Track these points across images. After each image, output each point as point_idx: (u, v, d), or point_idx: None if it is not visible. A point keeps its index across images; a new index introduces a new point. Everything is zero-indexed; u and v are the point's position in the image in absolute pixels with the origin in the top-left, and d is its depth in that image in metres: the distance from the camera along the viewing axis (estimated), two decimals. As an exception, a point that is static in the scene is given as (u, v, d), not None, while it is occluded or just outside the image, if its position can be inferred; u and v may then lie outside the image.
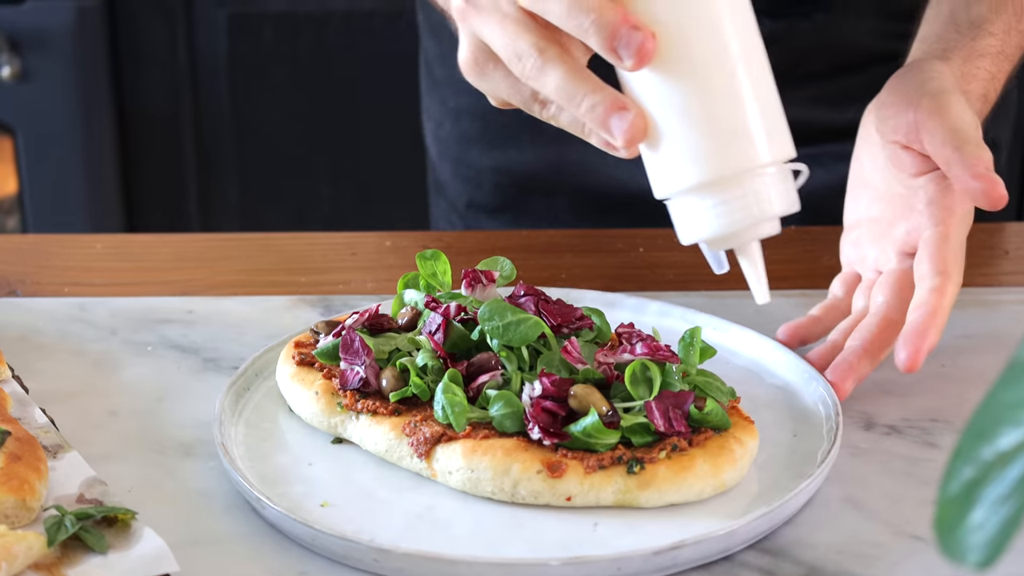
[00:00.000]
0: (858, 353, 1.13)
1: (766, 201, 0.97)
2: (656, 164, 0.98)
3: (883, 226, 1.21)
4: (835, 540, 0.99)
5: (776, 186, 0.97)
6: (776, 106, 0.98)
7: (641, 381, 1.04)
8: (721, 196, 0.96)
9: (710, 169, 0.96)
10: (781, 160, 0.98)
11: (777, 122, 0.98)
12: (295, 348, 1.15)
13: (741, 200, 0.96)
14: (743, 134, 0.96)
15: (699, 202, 0.97)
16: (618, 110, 0.94)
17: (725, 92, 0.96)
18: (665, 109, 0.96)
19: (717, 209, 0.96)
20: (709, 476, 1.01)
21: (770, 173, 0.97)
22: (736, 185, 0.96)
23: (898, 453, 1.10)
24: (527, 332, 1.06)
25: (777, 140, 0.98)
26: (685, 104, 0.95)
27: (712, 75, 0.95)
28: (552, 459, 1.00)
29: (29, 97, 2.78)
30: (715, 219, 0.97)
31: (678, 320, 1.27)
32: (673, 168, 0.97)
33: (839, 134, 1.58)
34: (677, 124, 0.96)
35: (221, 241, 1.54)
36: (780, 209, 0.98)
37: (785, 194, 0.98)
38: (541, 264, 1.44)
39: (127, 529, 0.95)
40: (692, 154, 0.96)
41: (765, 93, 0.98)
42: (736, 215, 0.96)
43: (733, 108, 0.96)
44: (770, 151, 0.97)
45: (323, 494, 1.03)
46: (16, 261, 1.45)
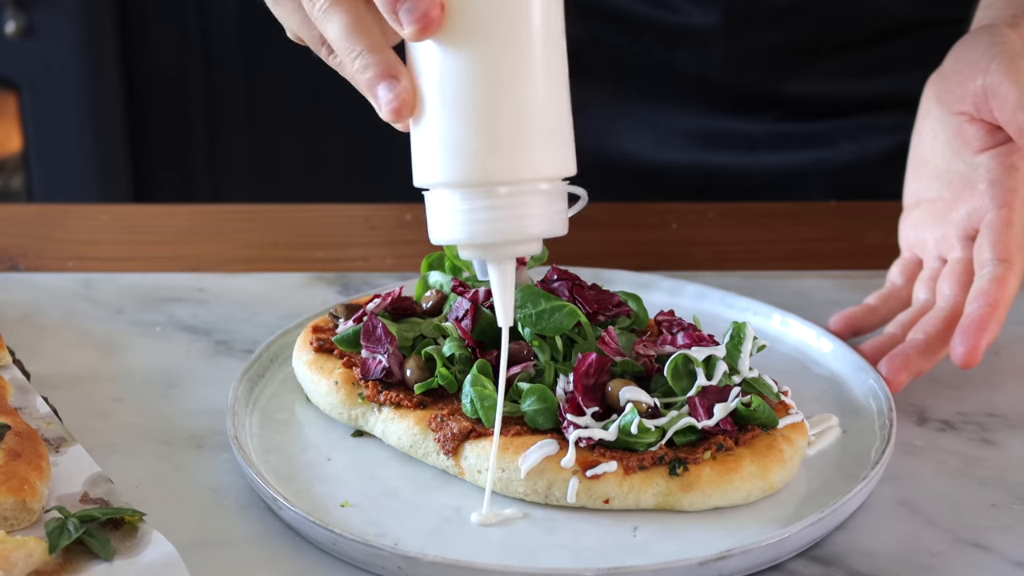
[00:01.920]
0: (919, 347, 1.06)
1: (530, 219, 0.87)
2: (420, 148, 0.88)
3: (943, 207, 1.14)
4: (891, 548, 0.92)
5: (546, 205, 0.88)
6: (566, 119, 0.89)
7: (684, 375, 0.98)
8: (483, 202, 0.86)
9: (477, 171, 0.86)
10: (558, 178, 0.89)
11: (563, 136, 0.88)
12: (313, 333, 1.08)
13: (504, 212, 0.87)
14: (522, 142, 0.86)
15: (458, 203, 0.87)
16: (388, 78, 0.86)
17: (513, 91, 0.86)
18: (441, 92, 0.86)
19: (476, 215, 0.87)
20: (757, 478, 0.95)
21: (542, 190, 0.87)
22: (502, 195, 0.86)
23: (954, 451, 1.03)
24: (562, 321, 1.00)
25: (558, 156, 0.88)
26: (465, 93, 0.85)
27: (502, 68, 0.85)
28: (589, 458, 0.94)
29: (34, 53, 2.70)
30: (471, 225, 0.87)
31: (717, 304, 1.20)
32: (437, 158, 0.87)
33: (871, 106, 1.51)
34: (451, 112, 0.86)
35: (233, 213, 1.47)
36: (543, 231, 0.89)
37: (553, 215, 0.88)
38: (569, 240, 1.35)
39: (134, 532, 0.89)
40: (461, 149, 0.86)
41: (557, 102, 0.88)
42: (495, 226, 0.87)
43: (518, 110, 0.86)
44: (548, 166, 0.87)
45: (343, 493, 0.96)
46: (18, 232, 1.38)
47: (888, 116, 1.52)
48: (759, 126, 1.54)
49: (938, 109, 1.13)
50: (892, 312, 1.14)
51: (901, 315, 1.12)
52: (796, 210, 1.45)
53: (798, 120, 1.53)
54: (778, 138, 1.53)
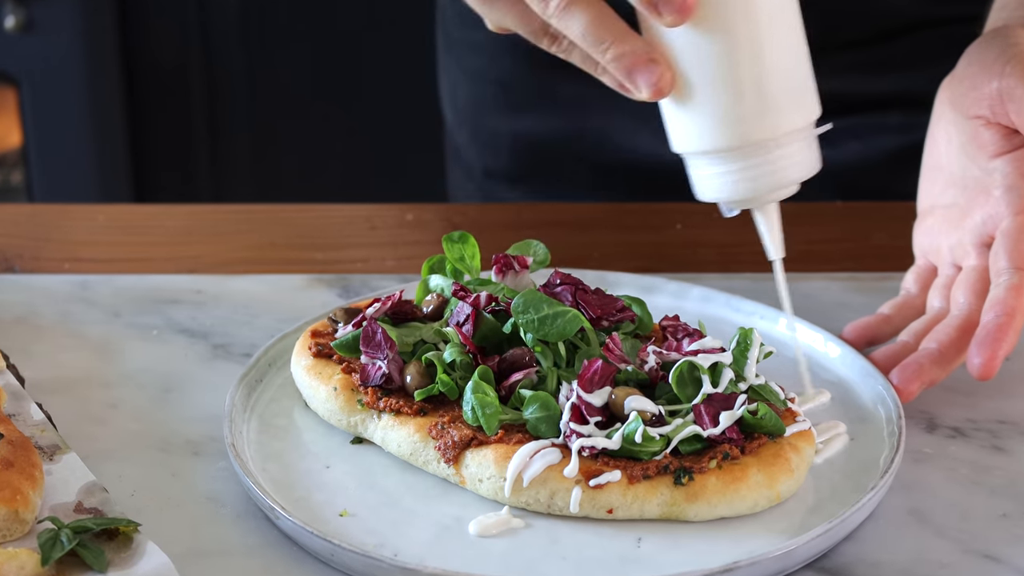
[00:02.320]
0: (932, 356, 1.04)
1: (790, 167, 0.95)
2: (678, 120, 0.95)
3: (958, 213, 1.11)
4: (900, 559, 0.91)
5: (800, 152, 0.95)
6: (807, 69, 0.95)
7: (689, 382, 0.96)
8: (745, 162, 0.94)
9: (737, 135, 0.93)
10: (808, 124, 0.95)
11: (806, 86, 0.95)
12: (312, 338, 1.06)
13: (765, 167, 0.94)
14: (773, 103, 0.93)
15: (721, 165, 0.95)
16: (647, 63, 0.92)
17: (759, 58, 0.93)
18: (696, 67, 0.93)
19: (740, 174, 0.95)
20: (763, 487, 0.93)
21: (795, 139, 0.94)
22: (761, 152, 0.94)
23: (964, 459, 1.01)
24: (565, 326, 0.98)
25: (805, 105, 0.95)
26: (718, 65, 0.92)
27: (747, 38, 0.92)
28: (592, 468, 0.92)
29: (33, 48, 2.69)
30: (737, 183, 0.95)
31: (722, 307, 1.18)
32: (698, 128, 0.94)
33: (877, 104, 1.49)
34: (707, 85, 0.93)
35: (231, 213, 1.45)
36: (803, 174, 0.96)
37: (808, 158, 0.96)
38: (572, 242, 1.35)
39: (129, 543, 0.87)
40: (720, 117, 0.93)
41: (798, 57, 0.95)
42: (759, 181, 0.95)
43: (766, 75, 0.93)
44: (797, 117, 0.94)
45: (342, 502, 0.95)
46: (14, 233, 1.36)
47: (894, 116, 1.50)
48: None
49: (952, 113, 1.11)
50: (907, 321, 1.11)
51: (914, 323, 1.10)
52: (802, 211, 1.43)
53: None
54: None
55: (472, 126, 1.63)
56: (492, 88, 1.59)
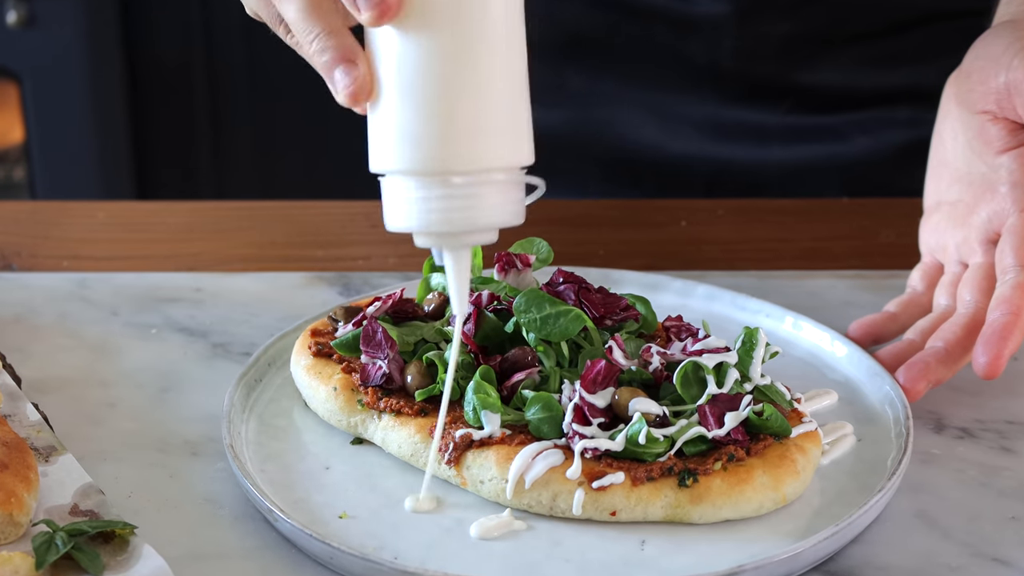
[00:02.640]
0: (939, 355, 1.02)
1: (487, 209, 0.86)
2: (377, 134, 0.87)
3: (964, 210, 1.10)
4: (907, 562, 0.89)
5: (502, 195, 0.87)
6: (524, 108, 0.88)
7: (693, 383, 0.95)
8: (439, 191, 0.85)
9: (435, 160, 0.85)
10: (512, 166, 0.87)
11: (520, 125, 0.87)
12: (311, 337, 1.05)
13: (461, 201, 0.86)
14: (479, 131, 0.85)
15: (413, 191, 0.86)
16: (345, 62, 0.86)
17: (470, 80, 0.85)
18: (399, 78, 0.85)
19: (432, 204, 0.86)
20: (769, 489, 0.91)
21: (498, 180, 0.86)
22: (458, 184, 0.85)
23: (972, 460, 1.00)
24: (567, 326, 0.96)
25: (515, 145, 0.87)
26: (422, 81, 0.85)
27: (459, 56, 0.85)
28: (595, 469, 0.91)
29: (35, 43, 2.68)
30: (426, 214, 0.86)
31: (727, 305, 1.16)
32: (393, 145, 0.86)
33: (886, 99, 1.48)
34: (408, 99, 0.85)
35: (232, 210, 1.44)
36: (499, 221, 0.87)
37: (510, 205, 0.87)
38: (577, 239, 1.34)
39: (125, 546, 0.86)
40: (418, 137, 0.85)
41: (514, 91, 0.87)
42: (451, 216, 0.86)
43: (475, 99, 0.85)
44: (505, 156, 0.86)
45: (342, 504, 0.93)
46: (12, 231, 1.35)
47: (903, 110, 1.48)
48: (771, 118, 1.50)
49: (958, 109, 1.09)
50: (913, 319, 1.10)
51: (921, 321, 1.09)
52: (809, 207, 1.42)
53: (811, 113, 1.50)
54: (790, 131, 1.50)
55: None
56: None
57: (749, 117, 1.50)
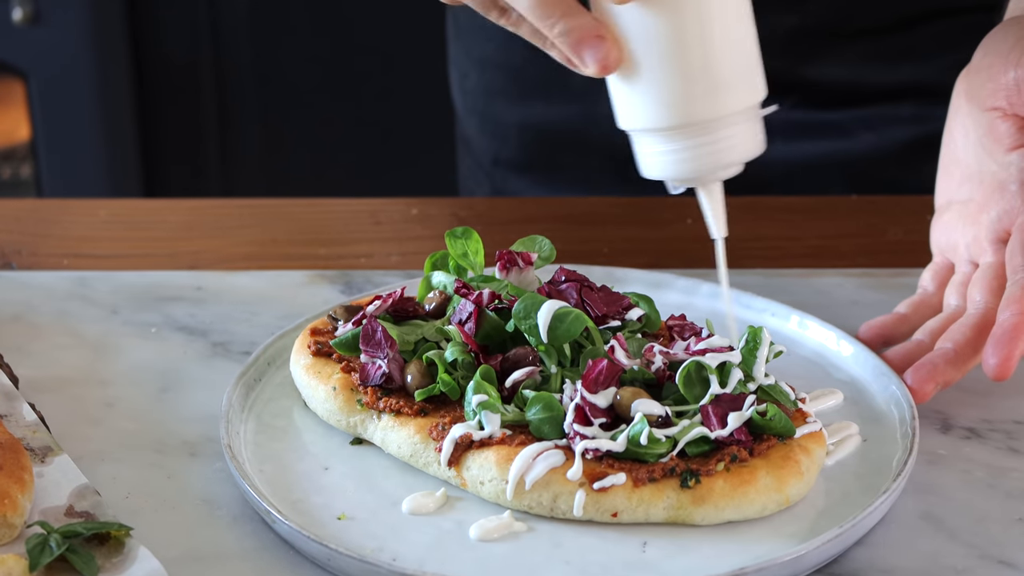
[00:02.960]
0: (948, 356, 1.01)
1: (735, 148, 0.94)
2: (624, 97, 0.94)
3: (974, 209, 1.08)
4: (913, 564, 0.88)
5: (745, 132, 0.94)
6: (754, 49, 0.95)
7: (696, 382, 0.93)
8: (690, 141, 0.93)
9: (684, 114, 0.93)
10: (753, 104, 0.95)
11: (753, 66, 0.95)
12: (311, 336, 1.04)
13: (710, 147, 0.94)
14: (720, 83, 0.92)
15: (666, 143, 0.94)
16: (594, 38, 0.91)
17: (707, 37, 0.92)
18: (642, 45, 0.92)
19: (685, 153, 0.94)
20: (772, 491, 0.90)
21: (740, 120, 0.94)
22: (706, 131, 0.93)
23: (979, 461, 0.98)
24: (569, 328, 0.95)
25: (751, 85, 0.94)
26: (664, 44, 0.91)
27: (695, 16, 0.91)
28: (596, 470, 0.90)
29: (41, 40, 2.67)
30: (682, 162, 0.94)
31: (732, 304, 1.15)
32: (644, 105, 0.93)
33: (891, 95, 1.46)
34: (655, 63, 0.92)
35: (234, 208, 1.43)
36: (747, 154, 0.95)
37: (752, 139, 0.95)
38: (581, 237, 1.32)
39: (120, 548, 0.85)
40: (666, 96, 0.92)
41: (745, 38, 0.94)
42: (703, 160, 0.94)
43: (714, 55, 0.92)
44: (744, 98, 0.94)
45: (340, 505, 0.92)
46: (13, 229, 1.34)
47: (908, 106, 1.47)
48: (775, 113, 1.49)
49: (968, 106, 1.08)
50: (924, 320, 1.08)
51: (930, 322, 1.07)
52: (816, 205, 1.41)
53: (815, 109, 1.48)
54: (795, 127, 1.48)
55: (481, 114, 1.61)
56: (501, 75, 1.57)
57: None
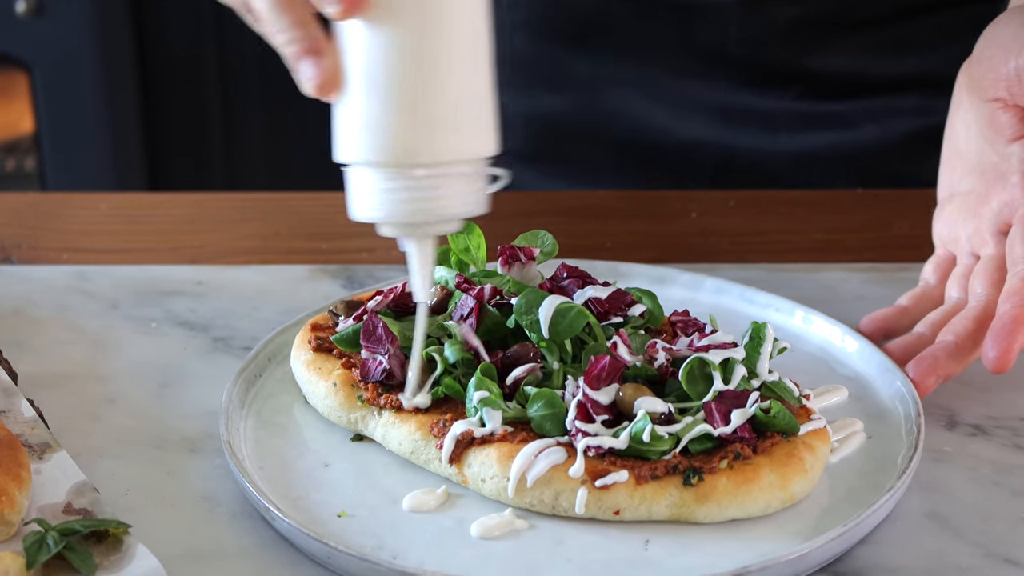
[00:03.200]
0: (948, 349, 1.00)
1: (450, 200, 0.88)
2: (342, 125, 0.89)
3: (976, 201, 1.08)
4: (918, 563, 0.87)
5: (466, 186, 0.88)
6: (488, 99, 0.88)
7: (699, 379, 0.93)
8: (403, 183, 0.87)
9: (398, 152, 0.87)
10: (477, 158, 0.88)
11: (484, 117, 0.88)
12: (312, 332, 1.03)
13: (424, 193, 0.87)
14: (443, 124, 0.86)
15: (378, 182, 0.88)
16: (312, 54, 0.87)
17: (435, 73, 0.86)
18: (364, 71, 0.86)
19: (397, 195, 0.87)
20: (776, 488, 0.89)
21: (462, 171, 0.88)
22: (422, 176, 0.87)
23: (985, 458, 0.98)
24: (571, 324, 0.94)
25: (479, 137, 0.88)
26: (388, 74, 0.86)
27: (425, 50, 0.86)
28: (599, 468, 0.89)
29: (45, 33, 2.66)
30: (392, 204, 0.88)
31: (736, 299, 1.14)
32: (358, 136, 0.88)
33: (894, 87, 1.45)
34: (373, 91, 0.86)
35: (236, 201, 1.42)
36: (462, 211, 0.89)
37: (473, 195, 0.89)
38: (585, 231, 1.32)
39: (118, 546, 0.84)
40: (382, 129, 0.86)
41: (478, 83, 0.88)
42: (414, 207, 0.88)
43: (440, 93, 0.86)
44: (469, 148, 0.88)
45: (340, 502, 0.91)
46: (13, 223, 1.34)
47: (912, 98, 1.46)
48: (780, 104, 1.48)
49: (970, 98, 1.07)
50: (925, 313, 1.08)
51: (932, 314, 1.06)
52: (821, 198, 1.40)
53: (819, 100, 1.47)
54: (799, 118, 1.47)
55: None
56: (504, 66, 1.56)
57: (757, 103, 1.48)
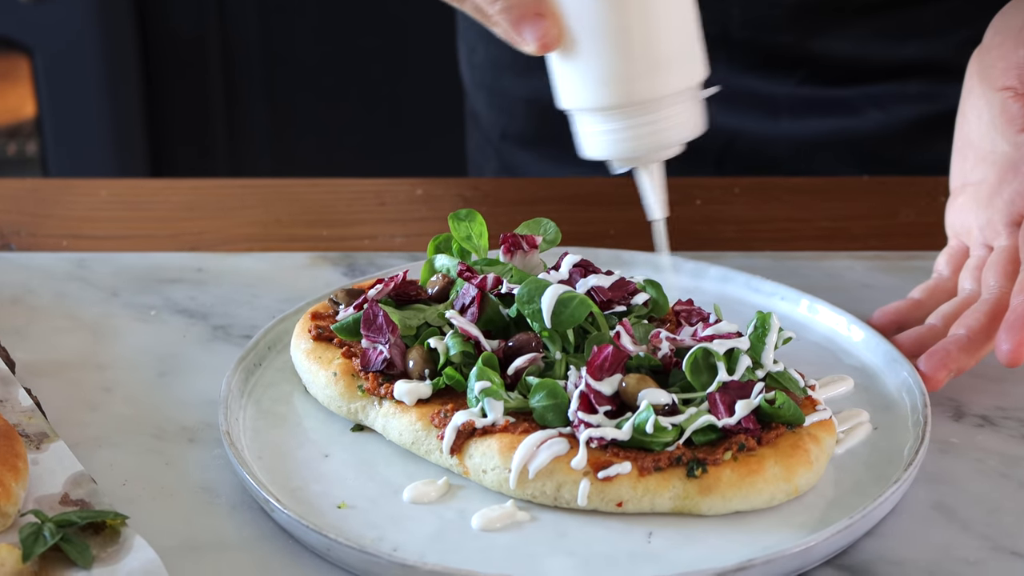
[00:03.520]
0: (960, 343, 0.98)
1: (675, 128, 0.94)
2: (565, 76, 0.94)
3: (988, 191, 1.06)
4: (924, 556, 0.86)
5: (685, 113, 0.94)
6: (695, 29, 0.94)
7: (703, 369, 0.91)
8: (631, 120, 0.93)
9: (624, 94, 0.93)
10: (694, 85, 0.94)
11: (693, 46, 0.94)
12: (312, 320, 1.02)
13: (650, 127, 0.93)
14: (661, 62, 0.92)
15: (607, 122, 0.94)
16: (533, 16, 0.91)
17: (647, 16, 0.92)
18: (583, 23, 0.92)
19: (625, 132, 0.94)
20: (781, 480, 0.88)
21: (680, 100, 0.93)
22: (647, 111, 0.93)
23: (993, 449, 0.96)
24: (573, 313, 0.93)
25: (691, 66, 0.94)
26: (605, 22, 0.91)
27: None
28: (601, 459, 0.88)
29: (47, 16, 2.65)
30: (622, 142, 0.94)
31: (741, 287, 1.13)
32: (584, 84, 0.93)
33: (899, 72, 1.44)
34: (594, 41, 0.92)
35: (237, 188, 1.41)
36: (687, 135, 0.95)
37: (693, 120, 0.95)
38: (587, 218, 1.30)
39: (116, 537, 0.83)
40: (606, 75, 0.92)
41: (685, 17, 0.94)
42: (644, 140, 0.94)
43: (654, 34, 0.92)
44: (683, 78, 0.94)
45: (340, 493, 0.90)
46: (13, 209, 1.32)
47: (916, 84, 1.44)
48: (782, 88, 1.46)
49: (981, 87, 1.06)
50: (939, 305, 1.06)
51: (944, 306, 1.04)
52: (826, 185, 1.39)
53: (823, 85, 1.46)
54: (802, 103, 1.46)
55: (489, 88, 1.59)
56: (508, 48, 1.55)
57: (760, 87, 1.46)
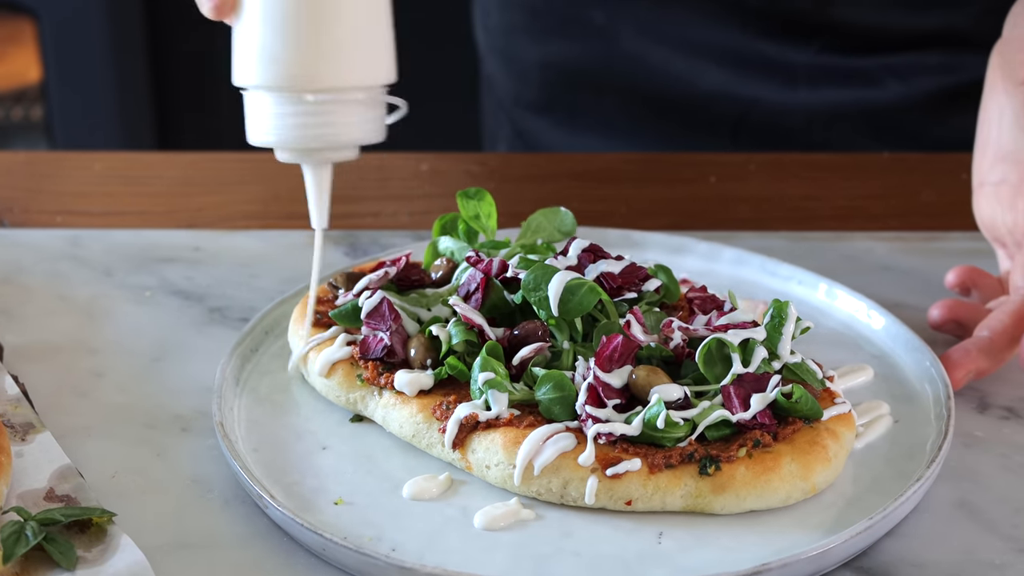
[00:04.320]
0: (981, 344, 0.95)
1: (345, 127, 0.90)
2: (239, 49, 0.91)
3: (1009, 192, 1.02)
4: (947, 558, 0.83)
5: (361, 113, 0.90)
6: (383, 26, 0.90)
7: (717, 361, 0.87)
8: (297, 108, 0.89)
9: (292, 77, 0.88)
10: (373, 86, 0.90)
11: (380, 44, 0.90)
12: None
13: (319, 118, 0.89)
14: (337, 50, 0.88)
15: (274, 106, 0.90)
16: None
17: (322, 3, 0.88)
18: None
19: (291, 120, 0.89)
20: (797, 478, 0.85)
21: (357, 98, 0.89)
22: (315, 102, 0.89)
23: (1019, 443, 0.93)
24: (582, 300, 0.89)
25: (374, 64, 0.90)
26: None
27: None
28: (610, 455, 0.84)
29: (51, -21, 2.61)
30: (286, 130, 0.90)
31: (756, 270, 1.09)
32: (254, 60, 0.89)
33: (919, 42, 1.39)
34: (269, 16, 0.88)
35: (236, 162, 1.37)
36: (357, 139, 0.90)
37: (369, 123, 0.91)
38: (598, 195, 1.26)
39: (102, 535, 0.80)
40: (277, 54, 0.88)
41: (372, 9, 0.90)
42: (310, 132, 0.89)
43: (333, 19, 0.88)
44: (362, 75, 0.90)
45: (338, 489, 0.87)
46: (6, 183, 1.29)
47: (936, 55, 1.40)
48: (800, 56, 1.42)
49: (1003, 81, 1.02)
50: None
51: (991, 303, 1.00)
52: (844, 162, 1.34)
53: (842, 54, 1.41)
54: (819, 72, 1.42)
55: (502, 53, 1.57)
56: (522, 13, 1.52)
57: (777, 55, 1.42)
